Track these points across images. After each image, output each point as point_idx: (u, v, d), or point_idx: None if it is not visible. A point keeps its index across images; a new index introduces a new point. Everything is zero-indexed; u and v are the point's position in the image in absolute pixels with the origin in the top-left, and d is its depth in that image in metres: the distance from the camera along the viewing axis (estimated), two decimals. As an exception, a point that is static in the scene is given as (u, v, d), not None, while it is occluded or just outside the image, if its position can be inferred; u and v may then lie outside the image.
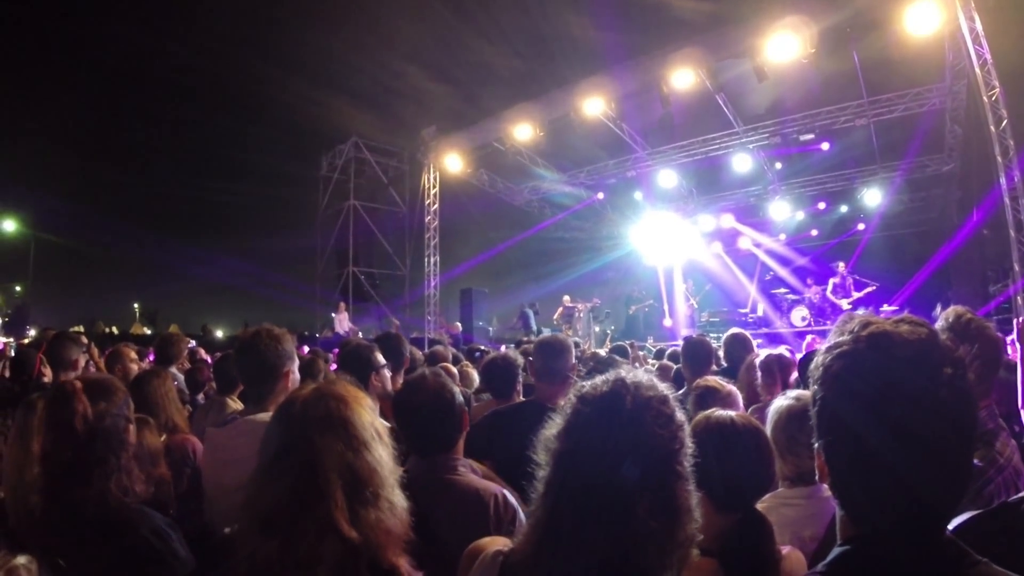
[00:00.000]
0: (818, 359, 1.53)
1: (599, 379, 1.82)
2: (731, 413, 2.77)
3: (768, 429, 3.08)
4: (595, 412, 1.74)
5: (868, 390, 1.40)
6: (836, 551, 1.50)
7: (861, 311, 1.57)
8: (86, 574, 2.29)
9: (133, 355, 6.42)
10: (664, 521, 1.64)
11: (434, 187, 22.88)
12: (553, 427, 1.81)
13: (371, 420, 2.03)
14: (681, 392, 4.23)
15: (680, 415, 1.78)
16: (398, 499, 1.96)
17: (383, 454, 1.98)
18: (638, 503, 1.62)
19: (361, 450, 1.93)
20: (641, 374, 1.82)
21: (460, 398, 3.24)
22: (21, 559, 0.95)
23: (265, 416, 3.44)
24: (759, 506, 2.91)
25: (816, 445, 1.53)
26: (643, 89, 16.83)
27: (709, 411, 2.79)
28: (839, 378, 1.45)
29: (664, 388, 1.80)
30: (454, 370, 6.66)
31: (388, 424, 2.25)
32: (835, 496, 1.52)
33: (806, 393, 3.15)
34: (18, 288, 39.66)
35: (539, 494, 1.79)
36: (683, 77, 15.74)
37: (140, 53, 34.56)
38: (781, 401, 3.21)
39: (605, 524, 1.63)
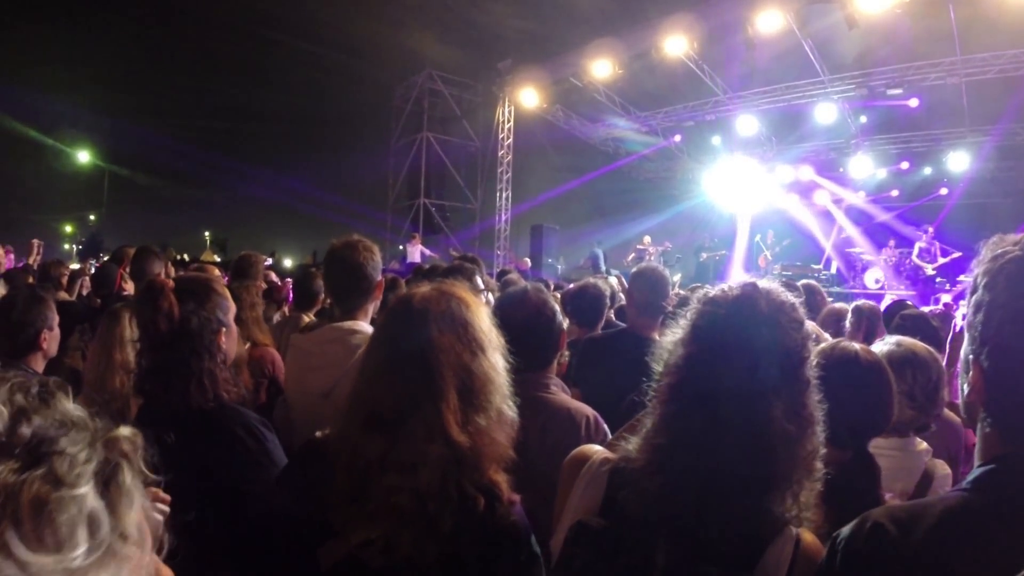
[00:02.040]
0: (982, 268, 1.46)
1: (725, 285, 1.82)
2: (856, 345, 2.68)
3: None
4: (730, 313, 1.74)
5: None
6: (979, 470, 1.45)
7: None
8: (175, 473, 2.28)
9: (217, 272, 6.53)
10: (797, 427, 1.65)
11: (508, 121, 22.84)
12: (676, 333, 1.81)
13: (489, 326, 2.00)
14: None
15: (808, 323, 1.78)
16: (508, 411, 1.94)
17: (499, 362, 1.96)
18: (774, 406, 1.63)
19: (479, 353, 1.90)
20: (768, 281, 1.83)
21: (560, 317, 3.22)
22: (124, 430, 0.90)
23: (353, 324, 3.47)
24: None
25: (971, 358, 1.47)
26: (727, 30, 16.44)
27: (836, 340, 2.74)
28: (1013, 279, 1.40)
29: (792, 296, 1.79)
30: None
31: None
32: (988, 413, 1.45)
33: (907, 339, 3.09)
34: (92, 217, 40.93)
35: (658, 401, 1.79)
36: (770, 20, 15.34)
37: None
38: (880, 346, 3.07)
39: (739, 427, 1.63)
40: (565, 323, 5.99)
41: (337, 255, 3.56)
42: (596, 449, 2.02)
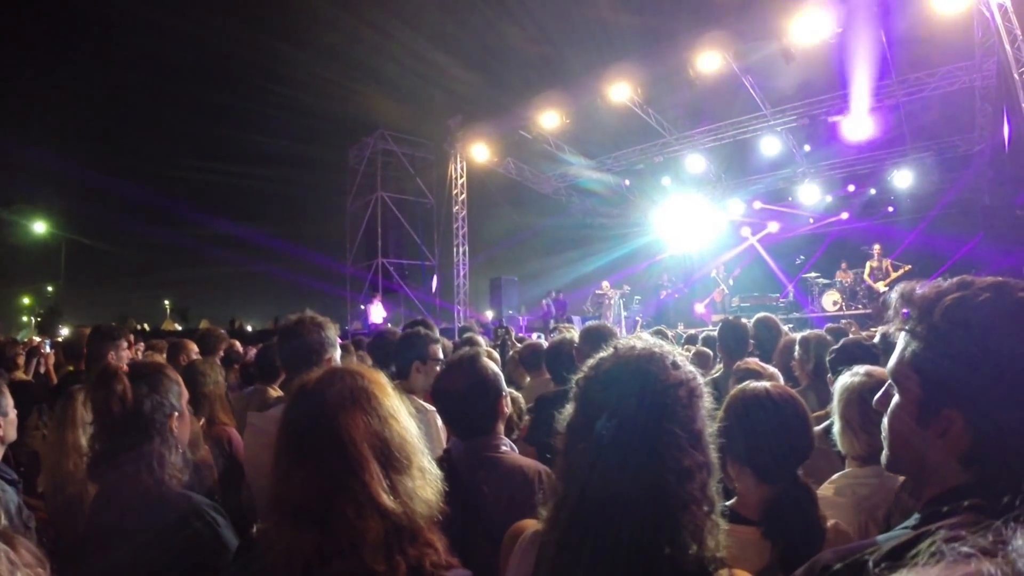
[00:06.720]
0: (943, 313, 1.42)
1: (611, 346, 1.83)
2: (765, 384, 2.75)
3: (838, 407, 3.07)
4: (587, 376, 1.77)
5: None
6: (928, 506, 1.46)
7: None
8: (131, 563, 2.24)
9: (196, 348, 6.51)
10: (649, 483, 1.58)
11: (461, 177, 22.90)
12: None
13: (391, 395, 1.96)
14: (719, 374, 4.13)
15: (681, 374, 1.71)
16: (429, 465, 1.91)
17: (409, 424, 1.92)
18: (615, 466, 1.59)
19: (388, 419, 1.87)
20: (643, 339, 1.81)
21: (498, 384, 3.20)
22: None
23: None
24: (830, 486, 2.95)
25: (953, 412, 1.42)
26: (669, 73, 16.73)
27: (744, 384, 2.77)
28: (997, 327, 1.36)
29: (666, 349, 1.76)
30: (496, 355, 6.69)
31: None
32: (972, 462, 1.41)
33: (878, 369, 3.07)
34: (50, 289, 40.35)
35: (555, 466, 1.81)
36: (709, 60, 15.67)
37: (168, 39, 35.03)
38: (850, 378, 3.13)
39: (584, 488, 1.62)
40: (527, 379, 6.10)
41: (286, 332, 3.64)
42: (531, 523, 1.99)
